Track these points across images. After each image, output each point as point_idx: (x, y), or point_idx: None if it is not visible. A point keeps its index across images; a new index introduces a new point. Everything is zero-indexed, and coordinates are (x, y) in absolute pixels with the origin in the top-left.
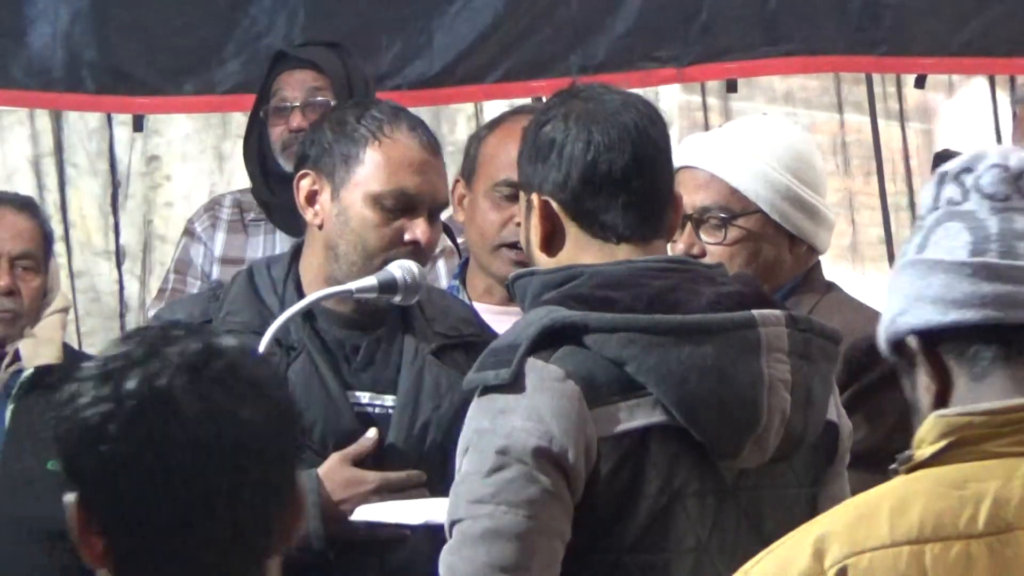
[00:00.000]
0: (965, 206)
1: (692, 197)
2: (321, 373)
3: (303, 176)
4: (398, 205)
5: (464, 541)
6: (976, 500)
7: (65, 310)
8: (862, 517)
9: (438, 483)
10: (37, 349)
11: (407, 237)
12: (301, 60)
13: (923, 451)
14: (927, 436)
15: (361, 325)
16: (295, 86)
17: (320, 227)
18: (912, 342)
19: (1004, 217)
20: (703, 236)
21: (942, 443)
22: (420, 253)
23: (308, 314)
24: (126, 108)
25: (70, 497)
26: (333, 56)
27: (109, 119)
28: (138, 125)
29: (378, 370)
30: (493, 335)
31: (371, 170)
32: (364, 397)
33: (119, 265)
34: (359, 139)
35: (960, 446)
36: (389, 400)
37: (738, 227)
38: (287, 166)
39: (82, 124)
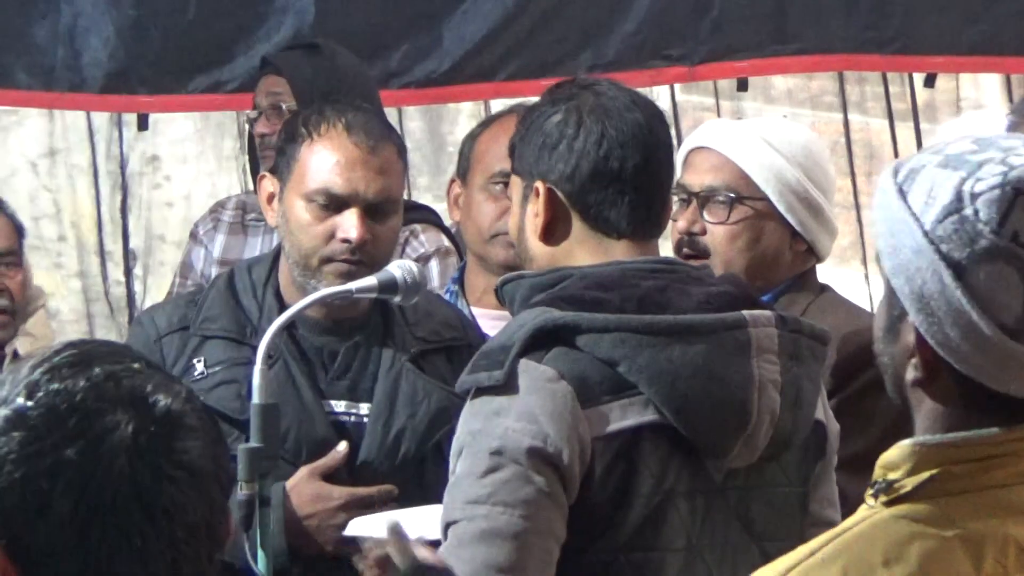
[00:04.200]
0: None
1: (702, 177)
2: (296, 382)
3: (262, 178)
4: (328, 203)
5: (460, 542)
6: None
7: (43, 304)
8: (851, 568)
9: (413, 491)
10: (36, 346)
11: (339, 235)
12: (270, 65)
13: (903, 483)
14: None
15: (339, 331)
16: (262, 92)
17: (277, 228)
18: None
19: None
20: (707, 216)
21: (924, 475)
22: (360, 250)
23: None
24: (129, 107)
25: None
26: (300, 58)
27: (119, 119)
28: (143, 124)
29: (355, 378)
30: (476, 338)
31: (303, 169)
32: (340, 406)
33: (129, 269)
34: (297, 139)
35: (944, 479)
36: (364, 409)
37: (743, 209)
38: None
39: (83, 124)
